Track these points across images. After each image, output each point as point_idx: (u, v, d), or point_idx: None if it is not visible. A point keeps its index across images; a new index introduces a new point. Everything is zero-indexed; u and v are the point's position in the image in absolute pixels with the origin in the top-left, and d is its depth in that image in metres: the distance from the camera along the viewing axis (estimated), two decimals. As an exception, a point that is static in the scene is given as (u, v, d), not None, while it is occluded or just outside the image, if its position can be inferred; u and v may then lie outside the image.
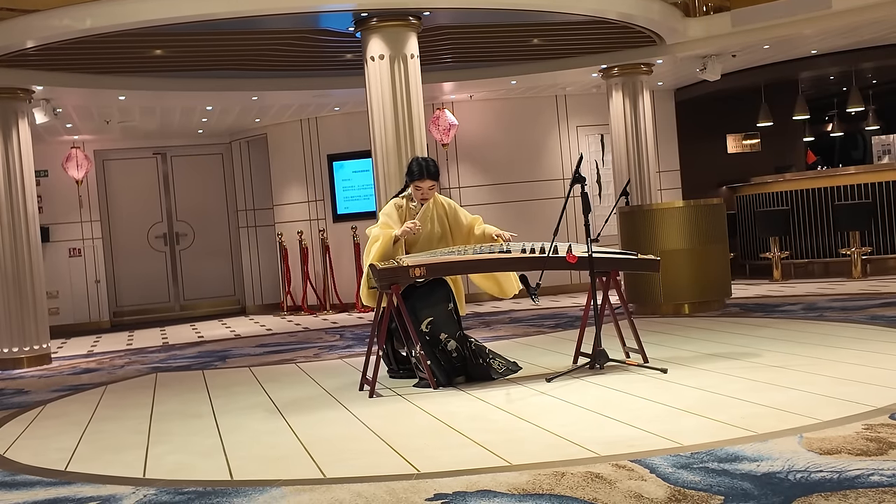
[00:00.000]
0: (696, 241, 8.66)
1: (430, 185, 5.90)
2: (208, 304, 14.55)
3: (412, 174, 5.90)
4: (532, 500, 3.04)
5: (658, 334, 7.16)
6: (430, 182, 5.89)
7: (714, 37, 10.06)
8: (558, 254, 5.62)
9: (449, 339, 5.60)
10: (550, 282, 10.42)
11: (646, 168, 10.78)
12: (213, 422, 5.11)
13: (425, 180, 5.86)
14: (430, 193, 5.91)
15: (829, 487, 2.90)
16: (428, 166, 5.89)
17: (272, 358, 8.03)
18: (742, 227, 12.71)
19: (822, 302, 8.62)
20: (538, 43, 9.99)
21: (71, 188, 13.11)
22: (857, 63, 12.34)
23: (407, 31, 7.88)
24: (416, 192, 5.91)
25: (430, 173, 5.88)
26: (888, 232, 11.10)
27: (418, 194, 5.91)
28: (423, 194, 5.90)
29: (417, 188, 5.89)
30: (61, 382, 7.57)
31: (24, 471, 4.24)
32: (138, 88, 9.93)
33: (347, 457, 3.99)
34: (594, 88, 12.37)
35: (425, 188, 5.88)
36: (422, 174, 5.86)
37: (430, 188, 5.90)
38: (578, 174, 5.53)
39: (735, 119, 14.70)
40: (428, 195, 5.91)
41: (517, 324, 9.15)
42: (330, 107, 12.23)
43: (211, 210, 14.48)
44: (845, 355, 5.47)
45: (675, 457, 3.43)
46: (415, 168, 5.90)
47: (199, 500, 3.41)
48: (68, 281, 13.46)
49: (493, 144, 12.77)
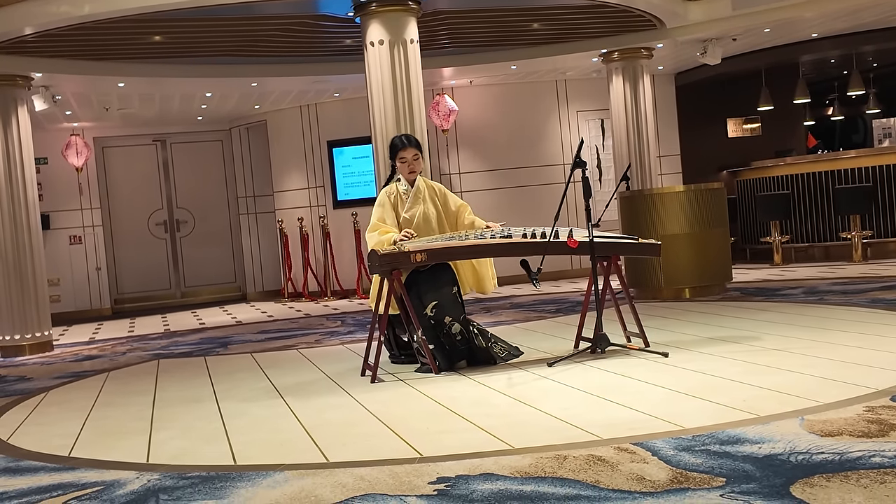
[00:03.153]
0: (696, 225, 8.66)
1: (414, 154, 5.96)
2: (209, 290, 14.56)
3: (395, 148, 6.01)
4: (534, 483, 3.05)
5: (659, 318, 7.17)
6: (413, 150, 5.96)
7: (715, 20, 10.03)
8: (559, 239, 5.63)
9: (453, 323, 5.62)
10: (551, 267, 10.42)
11: (646, 153, 10.77)
12: (216, 407, 5.13)
13: (408, 149, 5.95)
14: (416, 164, 5.96)
15: (830, 469, 2.90)
16: (408, 137, 6.11)
17: (274, 344, 8.04)
18: (743, 212, 12.71)
19: (822, 286, 8.63)
20: (538, 27, 9.95)
21: (71, 175, 13.10)
22: (857, 46, 12.30)
23: (406, 15, 7.86)
24: (402, 166, 5.96)
25: (412, 142, 6.02)
26: (889, 215, 11.09)
27: (405, 168, 5.95)
28: (410, 165, 5.94)
29: (402, 160, 5.95)
30: (63, 369, 7.59)
31: (28, 457, 4.25)
32: (137, 75, 9.91)
33: (350, 441, 4.01)
34: (594, 73, 12.34)
35: (409, 157, 5.94)
36: (403, 144, 5.98)
37: (415, 157, 5.96)
38: (579, 159, 5.53)
39: (736, 103, 14.67)
40: (414, 166, 5.96)
41: (518, 309, 9.16)
42: (329, 93, 12.20)
43: (211, 197, 14.47)
44: (846, 338, 5.48)
45: (677, 439, 3.44)
46: (396, 142, 6.05)
47: (203, 485, 3.42)
48: (69, 268, 13.47)
49: (493, 130, 12.75)
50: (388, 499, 3.03)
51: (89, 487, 3.56)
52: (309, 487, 3.25)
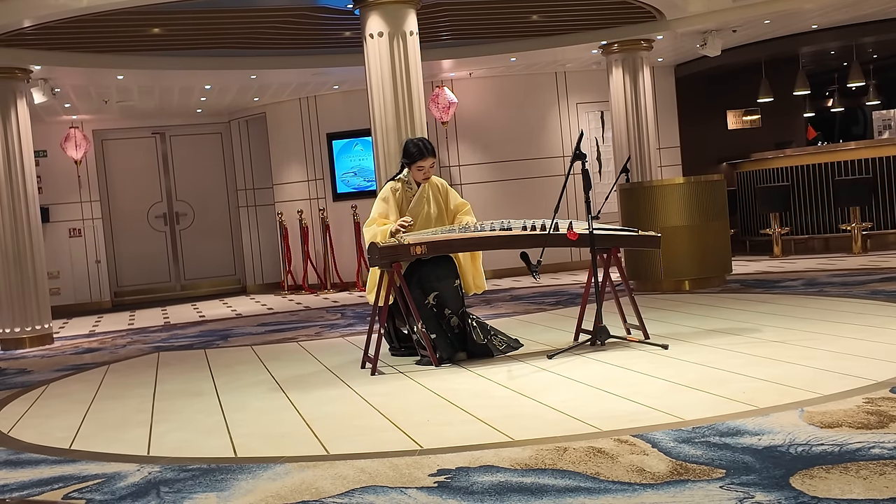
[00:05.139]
0: (696, 217, 8.65)
1: (432, 164, 5.91)
2: (209, 283, 14.56)
3: (411, 156, 5.87)
4: (535, 475, 3.06)
5: (659, 311, 7.17)
6: (432, 160, 5.91)
7: (714, 12, 10.01)
8: (559, 231, 5.63)
9: (452, 315, 5.63)
10: (551, 259, 10.41)
11: (646, 145, 10.75)
12: (216, 400, 5.13)
13: (427, 158, 5.86)
14: (431, 172, 5.93)
15: (830, 460, 2.91)
16: (425, 145, 5.92)
17: (274, 337, 8.05)
18: (742, 204, 12.70)
19: (822, 277, 8.63)
20: (537, 19, 9.93)
21: (70, 168, 13.09)
22: (857, 37, 12.27)
23: (406, 7, 7.83)
24: (417, 172, 5.89)
25: (430, 151, 5.90)
26: (888, 207, 11.09)
27: (420, 174, 5.90)
28: (426, 173, 5.90)
29: (420, 168, 5.87)
30: (64, 362, 7.60)
31: (29, 449, 4.26)
32: (136, 67, 9.90)
33: (350, 433, 4.01)
34: (594, 65, 12.32)
35: (427, 167, 5.89)
36: (422, 153, 5.85)
37: (432, 166, 5.92)
38: (579, 151, 5.53)
39: (735, 95, 14.65)
40: (430, 174, 5.92)
41: (518, 301, 9.17)
42: (329, 85, 12.18)
43: (210, 190, 14.46)
44: (846, 330, 5.49)
45: (677, 431, 3.45)
46: (413, 150, 5.88)
47: (204, 478, 3.43)
48: (69, 261, 13.46)
49: (492, 122, 12.74)
50: (388, 491, 3.03)
51: (90, 480, 3.57)
52: (309, 480, 3.26)
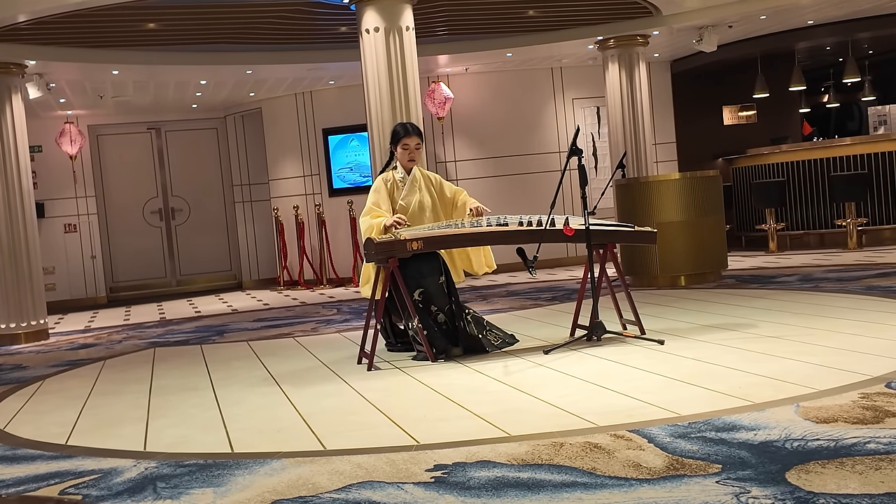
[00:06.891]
0: (692, 213, 8.66)
1: (416, 143, 5.98)
2: (205, 279, 14.55)
3: (397, 135, 6.00)
4: (531, 471, 3.06)
5: (655, 306, 7.18)
6: (416, 139, 5.97)
7: (710, 7, 10.00)
8: (555, 226, 5.63)
9: (439, 312, 5.63)
10: (547, 255, 10.41)
11: (642, 140, 10.76)
12: (213, 395, 5.13)
13: (411, 136, 5.95)
14: (416, 153, 5.99)
15: (825, 455, 2.92)
16: (410, 125, 6.06)
17: (270, 332, 8.05)
18: (738, 199, 12.72)
19: (817, 273, 8.64)
20: (534, 14, 9.93)
21: (65, 163, 13.07)
22: (853, 33, 12.28)
23: (402, 3, 7.83)
24: (403, 153, 5.96)
25: (415, 130, 6.00)
26: (884, 203, 11.11)
27: (406, 155, 5.95)
28: (411, 153, 5.96)
29: (405, 147, 5.94)
30: (59, 358, 7.59)
31: (25, 445, 4.26)
32: (132, 62, 9.87)
33: (347, 429, 4.01)
34: (590, 60, 12.32)
35: (412, 145, 5.95)
36: (406, 132, 5.97)
37: (417, 146, 5.98)
38: (575, 147, 5.53)
39: (731, 90, 14.65)
40: (415, 155, 5.98)
41: (514, 297, 9.17)
42: (325, 80, 12.16)
43: (206, 185, 14.44)
44: (841, 325, 5.50)
45: (673, 426, 3.45)
46: (399, 129, 6.02)
47: (200, 473, 3.43)
48: (64, 257, 13.44)
49: (488, 117, 12.73)
50: (385, 486, 3.03)
51: (87, 475, 3.56)
52: (306, 475, 3.26)
